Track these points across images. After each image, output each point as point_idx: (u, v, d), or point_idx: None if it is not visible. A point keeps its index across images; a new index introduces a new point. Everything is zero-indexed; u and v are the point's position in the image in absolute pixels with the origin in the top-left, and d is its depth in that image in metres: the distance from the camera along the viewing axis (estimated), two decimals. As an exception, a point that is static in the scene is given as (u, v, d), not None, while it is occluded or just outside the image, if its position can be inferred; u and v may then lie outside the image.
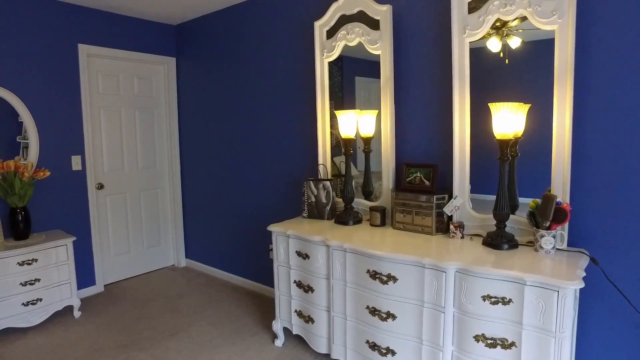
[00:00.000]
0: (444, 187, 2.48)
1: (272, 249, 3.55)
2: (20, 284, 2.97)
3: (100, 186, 3.87)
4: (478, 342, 1.86)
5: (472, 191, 2.35)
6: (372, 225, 2.63)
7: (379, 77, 2.68)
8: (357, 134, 2.73)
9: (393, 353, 2.14)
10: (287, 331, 2.83)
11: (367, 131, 2.73)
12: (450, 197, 2.37)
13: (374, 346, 2.21)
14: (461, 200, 2.32)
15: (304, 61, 3.19)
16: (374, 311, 2.19)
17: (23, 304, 2.99)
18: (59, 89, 3.54)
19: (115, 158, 3.99)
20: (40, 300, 3.07)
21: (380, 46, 2.62)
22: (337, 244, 2.31)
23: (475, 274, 1.85)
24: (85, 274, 3.72)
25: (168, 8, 3.74)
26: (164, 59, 4.26)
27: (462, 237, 2.28)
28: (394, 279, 2.09)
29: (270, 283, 3.63)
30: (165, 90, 4.33)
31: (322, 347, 2.52)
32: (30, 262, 3.01)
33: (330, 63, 2.95)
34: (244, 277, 3.90)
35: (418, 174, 2.51)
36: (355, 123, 2.68)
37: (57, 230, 3.49)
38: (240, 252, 3.92)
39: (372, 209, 2.64)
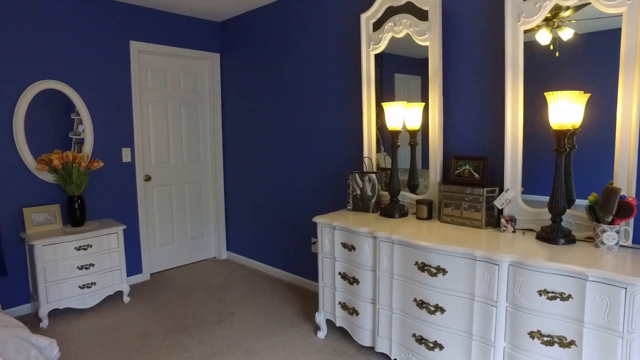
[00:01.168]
0: (494, 180, 2.42)
1: (314, 242, 3.58)
2: (77, 267, 3.12)
3: (148, 178, 4.01)
4: (533, 338, 1.80)
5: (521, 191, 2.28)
6: (418, 218, 2.60)
7: (418, 73, 2.67)
8: (403, 127, 2.70)
9: (441, 347, 2.10)
10: (330, 323, 2.83)
11: (414, 124, 2.70)
12: (501, 190, 2.31)
13: (420, 340, 2.18)
14: (513, 193, 2.25)
15: (348, 54, 3.18)
16: (421, 304, 2.16)
17: (79, 286, 3.14)
18: (112, 84, 3.69)
19: (161, 151, 4.12)
20: (94, 284, 3.21)
21: (428, 37, 2.58)
22: (385, 235, 2.29)
23: (531, 268, 1.79)
24: (132, 263, 3.86)
25: (213, 5, 3.83)
26: (209, 55, 4.36)
27: (514, 231, 2.22)
28: (444, 272, 2.06)
29: (311, 276, 3.65)
30: (210, 86, 4.43)
31: (366, 339, 2.51)
32: (85, 247, 3.15)
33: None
34: (285, 270, 3.93)
35: (467, 167, 2.45)
36: (403, 115, 2.65)
37: (109, 219, 3.64)
38: (280, 246, 3.96)
39: (418, 201, 2.60)
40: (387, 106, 2.67)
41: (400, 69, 2.96)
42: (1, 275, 3.06)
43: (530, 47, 2.21)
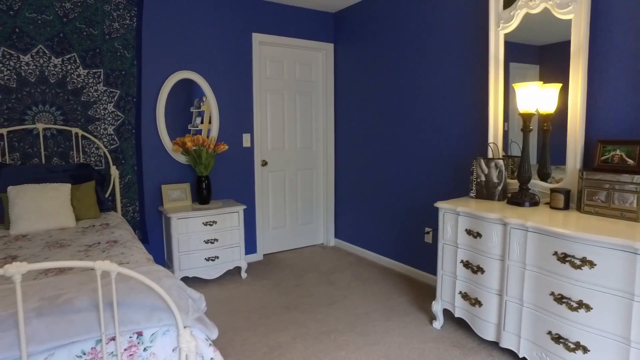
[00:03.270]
0: (652, 167, 2.11)
1: (428, 232, 3.48)
2: (204, 241, 3.40)
3: (264, 163, 4.22)
4: None
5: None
6: (552, 207, 2.37)
7: (536, 62, 2.48)
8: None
9: (585, 350, 1.89)
10: (447, 314, 2.72)
11: (548, 106, 2.48)
12: (663, 178, 2.01)
13: (558, 339, 1.99)
14: (679, 182, 1.95)
15: (470, 37, 3.02)
16: (560, 298, 1.97)
17: (205, 258, 3.42)
18: (236, 74, 3.95)
19: (277, 138, 4.31)
20: (217, 258, 3.47)
21: (572, 9, 2.33)
22: (518, 222, 2.13)
23: None
24: (248, 242, 4.09)
25: (332, -6, 3.89)
26: (323, 45, 4.45)
27: (680, 226, 1.92)
28: (590, 264, 1.85)
29: (423, 266, 3.55)
30: (324, 75, 4.52)
31: (489, 333, 2.36)
32: (211, 223, 3.42)
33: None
34: (394, 259, 3.88)
35: (617, 152, 2.18)
36: (536, 97, 2.45)
37: (229, 200, 3.91)
38: (390, 235, 3.91)
39: (553, 190, 2.38)
40: (519, 87, 2.48)
41: (516, 57, 2.76)
42: (143, 243, 3.44)
43: None
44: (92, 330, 1.36)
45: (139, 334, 1.46)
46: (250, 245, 4.12)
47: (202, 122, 3.86)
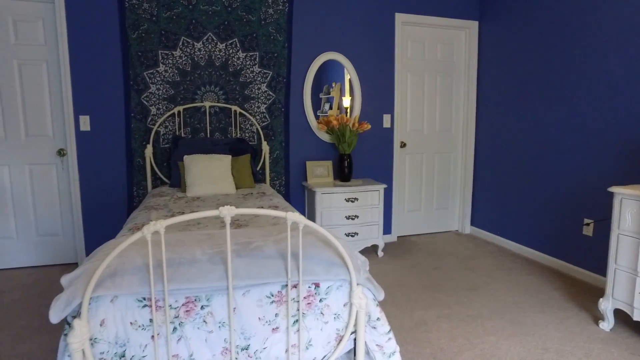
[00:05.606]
0: None
1: (588, 223, 3.13)
2: (345, 217, 3.51)
3: (403, 145, 4.19)
4: None
5: None
6: None
7: None
8: None
9: None
10: (619, 315, 2.42)
11: None
12: None
13: None
14: None
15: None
16: None
17: (345, 234, 3.53)
18: (378, 54, 3.96)
19: (416, 120, 4.24)
20: (357, 234, 3.56)
21: None
22: None
23: None
24: (384, 223, 4.11)
25: (485, -34, 3.66)
26: (466, 23, 4.23)
27: None
28: None
29: (579, 262, 3.21)
30: (466, 55, 4.31)
31: (677, 340, 2.04)
32: (353, 200, 3.51)
33: None
34: (542, 251, 3.57)
35: None
36: None
37: (368, 179, 3.96)
38: (538, 225, 3.60)
39: None
40: None
41: None
42: (288, 215, 3.68)
43: None
44: (279, 276, 1.49)
45: (317, 285, 1.56)
46: (385, 226, 4.14)
47: (330, 108, 3.94)
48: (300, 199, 3.87)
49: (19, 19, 3.24)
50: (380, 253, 3.69)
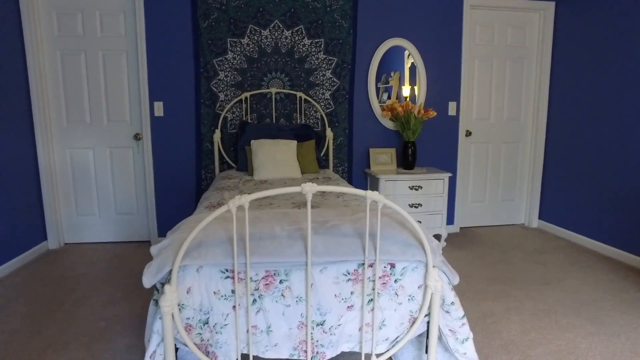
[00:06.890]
0: None
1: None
2: (409, 205, 3.47)
3: (468, 133, 4.06)
4: None
5: None
6: None
7: None
8: None
9: None
10: None
11: None
12: None
13: None
14: None
15: None
16: None
17: (408, 222, 3.49)
18: (444, 40, 3.84)
19: (483, 108, 4.08)
20: (420, 222, 3.49)
21: None
22: None
23: None
24: (447, 212, 4.01)
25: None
26: (541, 5, 3.99)
27: None
28: None
29: (665, 261, 2.97)
30: (539, 40, 4.08)
31: None
32: (417, 188, 3.46)
33: None
34: (622, 249, 3.33)
35: None
36: None
37: (432, 167, 3.88)
38: (617, 221, 3.36)
39: None
40: None
41: None
42: (351, 202, 3.70)
43: None
44: (356, 254, 1.50)
45: (392, 266, 1.56)
46: (448, 216, 4.04)
47: (389, 98, 3.86)
48: (363, 186, 3.86)
49: (104, 12, 3.47)
50: (443, 243, 3.62)
